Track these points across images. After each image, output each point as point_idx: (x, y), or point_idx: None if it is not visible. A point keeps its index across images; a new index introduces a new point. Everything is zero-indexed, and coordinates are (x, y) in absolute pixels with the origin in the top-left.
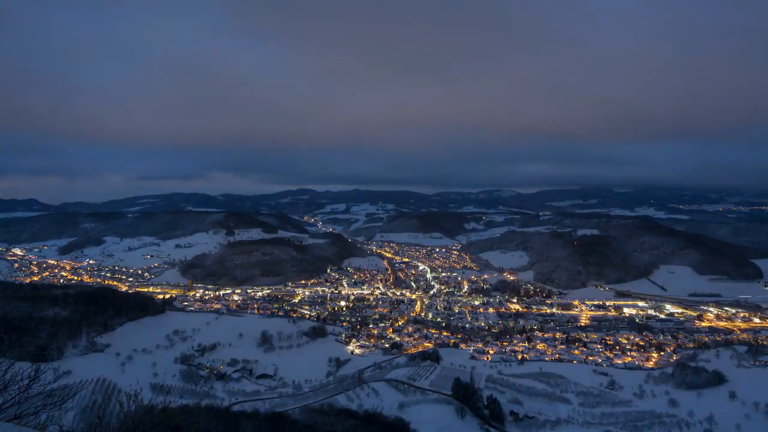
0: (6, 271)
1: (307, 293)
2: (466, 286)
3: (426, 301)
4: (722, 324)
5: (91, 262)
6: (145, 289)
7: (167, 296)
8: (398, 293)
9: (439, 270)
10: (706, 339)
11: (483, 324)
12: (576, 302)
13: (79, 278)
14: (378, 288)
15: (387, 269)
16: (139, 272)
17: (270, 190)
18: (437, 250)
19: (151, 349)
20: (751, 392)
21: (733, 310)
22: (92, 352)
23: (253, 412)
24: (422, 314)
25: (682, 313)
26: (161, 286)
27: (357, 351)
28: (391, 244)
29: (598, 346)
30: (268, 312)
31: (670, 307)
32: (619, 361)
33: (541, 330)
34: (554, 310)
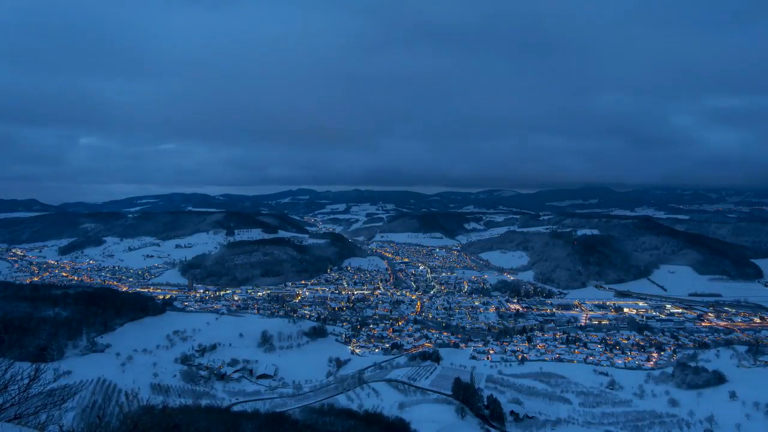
0: (6, 272)
1: (307, 293)
2: (466, 286)
3: (426, 302)
4: (722, 324)
5: (91, 262)
6: (146, 290)
7: (167, 296)
8: (398, 293)
9: (440, 270)
10: (707, 339)
11: (483, 324)
12: (576, 302)
13: (79, 278)
14: (378, 288)
15: (387, 269)
16: (139, 272)
17: (270, 190)
18: (437, 250)
19: (151, 350)
20: (752, 392)
21: (733, 310)
22: (92, 353)
23: (254, 412)
24: (422, 314)
25: (682, 313)
26: (161, 286)
27: (357, 351)
28: (391, 244)
29: (599, 346)
30: (269, 312)
31: (670, 307)
32: (620, 361)
33: (541, 330)
34: (554, 310)
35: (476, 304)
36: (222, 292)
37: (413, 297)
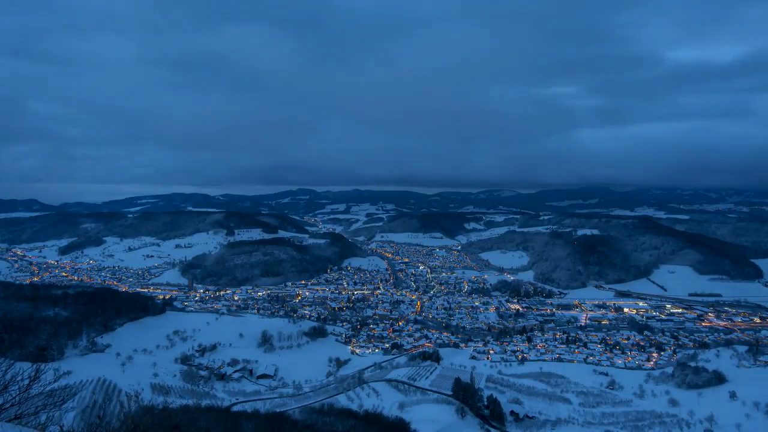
0: (6, 272)
1: (307, 293)
2: (466, 286)
3: (426, 302)
4: (722, 324)
5: (91, 262)
6: (146, 290)
7: (167, 296)
8: (398, 293)
9: (440, 270)
10: (707, 339)
11: (483, 324)
12: (576, 302)
13: (79, 278)
14: (378, 288)
15: (387, 269)
16: (140, 272)
17: (270, 190)
18: (437, 250)
19: (151, 350)
20: (752, 392)
21: (733, 310)
22: (92, 353)
23: (254, 412)
24: (422, 314)
25: (682, 313)
26: (161, 286)
27: (357, 351)
28: (391, 244)
29: (599, 346)
30: (269, 312)
31: (670, 307)
32: (620, 361)
33: (541, 330)
34: (554, 310)
35: (476, 304)
36: (222, 292)
37: (413, 297)
